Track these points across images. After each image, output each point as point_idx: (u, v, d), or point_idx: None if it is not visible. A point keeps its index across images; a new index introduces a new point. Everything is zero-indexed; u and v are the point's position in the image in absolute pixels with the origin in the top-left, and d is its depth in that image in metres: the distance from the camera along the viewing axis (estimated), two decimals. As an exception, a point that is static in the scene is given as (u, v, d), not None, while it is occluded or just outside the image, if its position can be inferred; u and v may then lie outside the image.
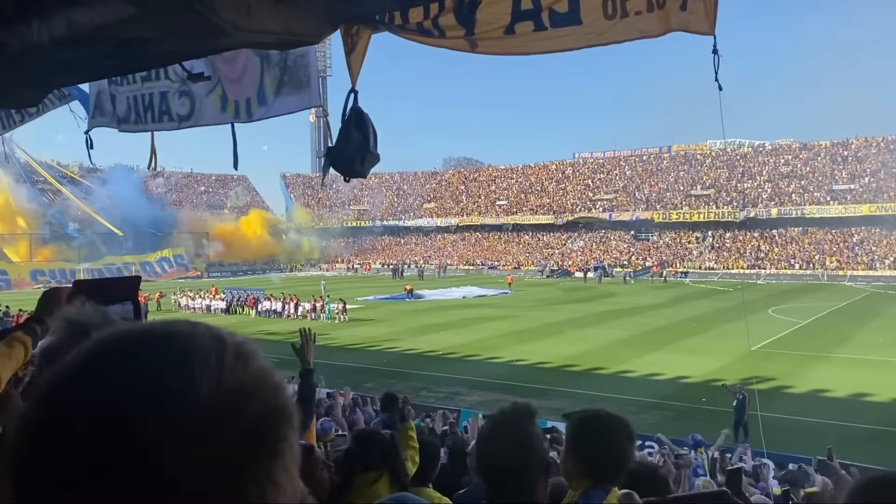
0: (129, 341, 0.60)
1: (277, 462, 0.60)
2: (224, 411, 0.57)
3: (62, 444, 0.53)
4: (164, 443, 0.53)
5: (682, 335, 29.14)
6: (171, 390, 0.55)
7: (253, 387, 0.61)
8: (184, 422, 0.54)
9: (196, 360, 0.58)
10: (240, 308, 42.31)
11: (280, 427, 0.61)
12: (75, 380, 0.57)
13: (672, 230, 77.44)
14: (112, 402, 0.54)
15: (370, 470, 3.36)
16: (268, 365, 0.64)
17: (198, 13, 2.81)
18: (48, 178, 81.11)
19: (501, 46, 3.34)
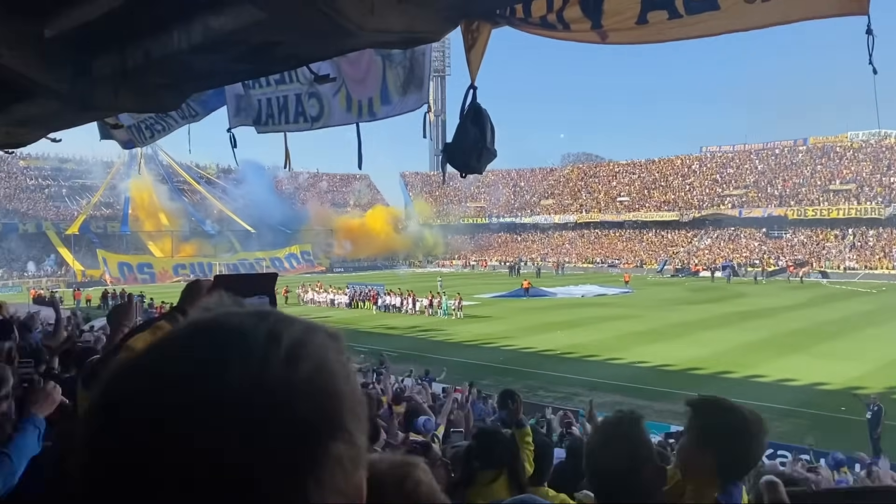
0: (185, 332, 0.61)
1: (315, 472, 0.57)
2: (255, 412, 0.54)
3: (105, 431, 0.55)
4: (184, 439, 0.52)
5: (818, 339, 27.26)
6: (200, 387, 0.55)
7: (300, 388, 0.58)
8: (209, 419, 0.53)
9: (239, 358, 0.57)
10: (361, 302, 43.61)
11: (323, 435, 0.58)
12: (132, 368, 0.58)
13: (808, 227, 72.64)
14: (144, 396, 0.55)
15: (489, 468, 3.34)
16: (328, 369, 0.61)
17: (324, 15, 2.88)
18: (188, 178, 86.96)
19: (633, 36, 3.20)
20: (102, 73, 3.98)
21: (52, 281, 61.36)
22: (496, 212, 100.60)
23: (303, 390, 0.58)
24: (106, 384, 0.58)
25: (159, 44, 3.61)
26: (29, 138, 6.00)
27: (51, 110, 5.03)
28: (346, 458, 0.59)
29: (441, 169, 4.08)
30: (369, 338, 30.02)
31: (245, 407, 0.54)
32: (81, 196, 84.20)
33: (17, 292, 53.82)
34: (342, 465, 0.59)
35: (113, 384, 0.58)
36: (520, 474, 3.50)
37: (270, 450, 0.54)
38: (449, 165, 3.91)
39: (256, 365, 0.56)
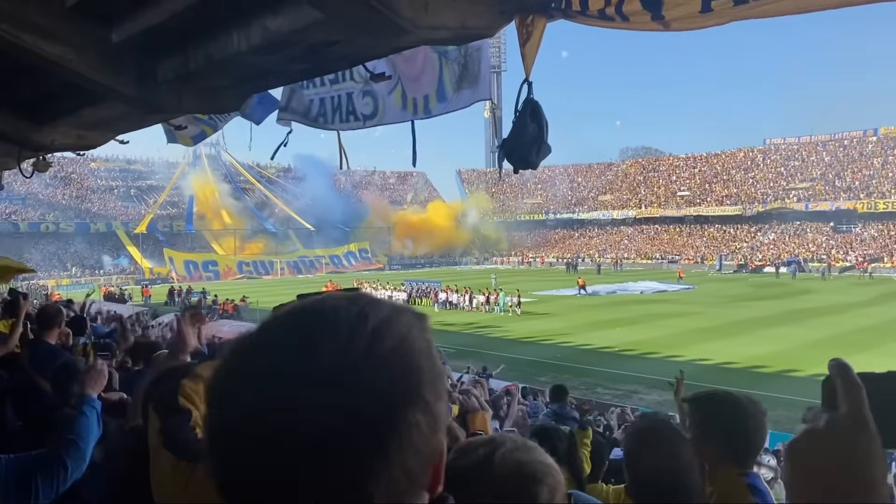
0: (284, 315, 0.70)
1: (394, 435, 0.64)
2: (344, 382, 0.62)
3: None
4: (277, 407, 0.61)
5: (890, 337, 26.14)
6: (292, 360, 0.63)
7: (382, 362, 0.65)
8: (301, 390, 0.61)
9: (326, 333, 0.65)
10: (419, 299, 43.89)
11: (402, 403, 0.65)
12: (235, 344, 0.69)
13: (879, 221, 69.65)
14: (242, 383, 0.65)
15: None
16: (409, 345, 0.68)
17: (378, 13, 2.90)
18: (249, 177, 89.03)
19: (697, 22, 3.11)
20: (166, 76, 4.11)
21: (121, 279, 63.70)
22: (553, 208, 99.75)
23: (384, 364, 0.65)
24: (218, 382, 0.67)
25: (219, 45, 3.69)
26: (99, 141, 6.23)
27: (119, 113, 5.21)
28: (424, 423, 0.66)
29: (498, 165, 4.06)
30: (426, 334, 30.19)
31: (332, 379, 0.62)
32: (149, 196, 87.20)
33: (90, 289, 56.07)
34: (420, 430, 0.65)
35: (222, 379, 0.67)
36: (580, 471, 3.48)
37: (353, 415, 0.61)
38: (505, 161, 3.89)
39: (343, 341, 0.64)
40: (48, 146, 6.04)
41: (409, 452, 0.65)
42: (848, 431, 0.72)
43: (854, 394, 0.73)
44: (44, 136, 5.85)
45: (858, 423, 0.72)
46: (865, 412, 0.73)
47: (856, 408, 0.73)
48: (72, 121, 5.68)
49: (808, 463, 0.73)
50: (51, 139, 5.88)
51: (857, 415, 0.73)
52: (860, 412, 0.73)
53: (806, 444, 0.74)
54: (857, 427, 0.72)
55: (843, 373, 0.75)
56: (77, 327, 6.30)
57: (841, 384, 0.74)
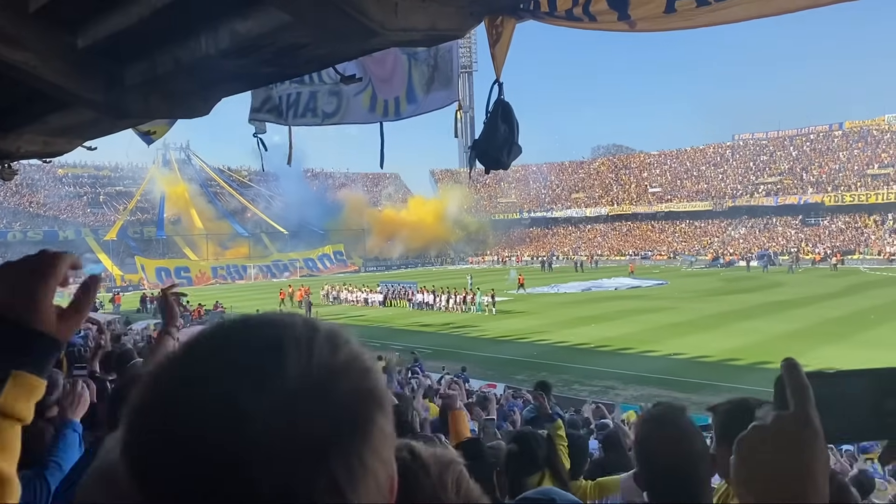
0: (228, 328, 0.67)
1: (366, 444, 0.63)
2: (312, 390, 0.61)
3: (163, 422, 0.60)
4: (253, 417, 0.58)
5: (859, 327, 26.67)
6: (260, 368, 0.61)
7: (342, 370, 0.64)
8: (273, 398, 0.59)
9: (286, 343, 0.63)
10: (395, 300, 43.81)
11: (368, 409, 0.64)
12: (176, 362, 0.64)
13: (846, 213, 71.02)
14: (206, 380, 0.60)
15: (535, 472, 3.35)
16: (360, 351, 0.68)
17: (347, 16, 2.89)
18: (220, 182, 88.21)
19: (662, 24, 3.16)
20: (134, 81, 4.06)
21: (92, 286, 62.61)
22: (527, 206, 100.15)
23: (345, 370, 0.65)
24: (148, 382, 0.63)
25: (187, 50, 3.66)
26: (66, 147, 6.12)
27: (86, 119, 5.13)
28: (388, 431, 0.67)
29: (469, 165, 4.07)
30: (404, 335, 30.17)
31: (303, 388, 0.61)
32: (118, 202, 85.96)
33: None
34: (385, 436, 0.66)
35: (158, 382, 0.63)
36: (561, 472, 3.51)
37: (325, 426, 0.60)
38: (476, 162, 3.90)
39: (305, 350, 0.63)
40: (14, 154, 5.93)
41: (379, 461, 0.64)
42: (792, 429, 0.74)
43: (801, 393, 0.75)
44: (9, 143, 5.74)
45: (802, 422, 0.74)
46: (810, 411, 0.74)
47: (801, 407, 0.74)
48: (38, 128, 5.58)
49: (753, 459, 0.75)
50: (16, 146, 5.77)
51: (803, 413, 0.74)
52: (805, 411, 0.74)
53: (752, 441, 0.76)
54: (801, 425, 0.74)
55: (791, 373, 0.77)
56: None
57: (789, 384, 0.76)
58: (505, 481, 3.37)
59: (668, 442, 1.94)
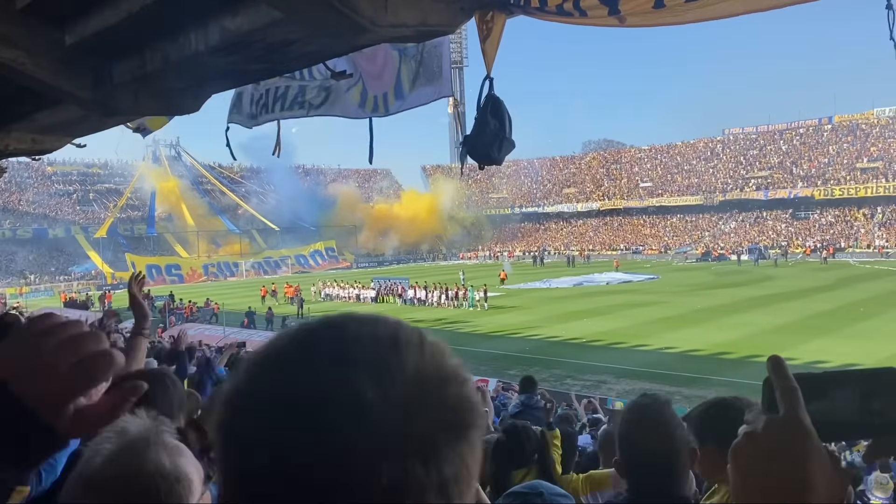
0: (340, 323, 0.66)
1: (469, 446, 0.63)
2: (425, 390, 0.62)
3: (280, 414, 0.59)
4: (373, 410, 0.58)
5: (848, 320, 26.86)
6: (382, 362, 0.61)
7: (450, 374, 0.65)
8: (392, 393, 0.59)
9: (403, 342, 0.64)
10: (387, 297, 43.76)
11: (471, 415, 0.64)
12: (291, 355, 0.63)
13: (835, 207, 71.42)
14: (328, 374, 0.60)
15: (521, 467, 3.34)
16: (460, 362, 0.69)
17: (338, 12, 2.89)
18: (211, 179, 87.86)
19: (652, 19, 3.17)
20: (123, 78, 4.04)
21: (82, 284, 62.36)
22: (518, 202, 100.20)
23: (452, 375, 0.65)
24: (254, 373, 0.63)
25: (177, 46, 3.64)
26: (55, 145, 6.09)
27: (75, 116, 5.11)
28: (478, 443, 0.65)
29: (460, 161, 4.07)
30: (395, 331, 30.14)
31: (418, 386, 0.61)
32: (108, 199, 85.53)
33: (49, 296, 54.82)
34: (478, 449, 0.65)
35: (271, 374, 0.62)
36: (550, 470, 3.50)
37: (436, 424, 0.61)
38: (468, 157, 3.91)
39: (418, 351, 0.64)
40: (2, 151, 5.90)
41: (474, 462, 0.64)
42: (784, 434, 0.73)
43: (790, 395, 0.74)
44: (-3, 141, 5.71)
45: (794, 426, 0.73)
46: (801, 414, 0.73)
47: (792, 409, 0.73)
48: (26, 125, 5.55)
49: (746, 465, 0.74)
50: (4, 144, 5.74)
51: (794, 417, 0.73)
52: (796, 413, 0.73)
53: (744, 447, 0.75)
54: (793, 429, 0.73)
55: (779, 373, 0.76)
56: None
57: (778, 385, 0.75)
58: (489, 471, 3.37)
59: (648, 431, 1.97)
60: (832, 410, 0.77)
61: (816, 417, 0.74)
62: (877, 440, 0.80)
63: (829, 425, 0.75)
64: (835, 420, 0.77)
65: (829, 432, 0.75)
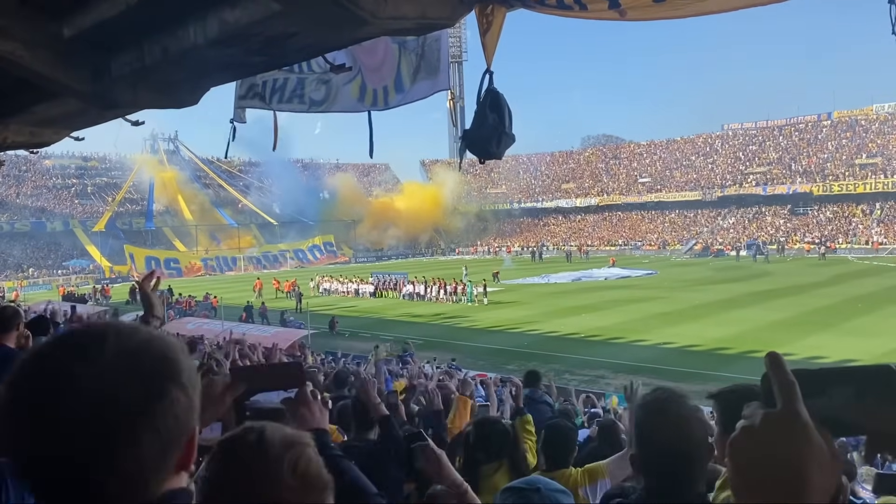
0: (66, 331, 0.98)
1: (163, 409, 0.92)
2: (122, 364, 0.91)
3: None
4: (81, 379, 0.88)
5: (846, 316, 26.90)
6: (86, 346, 0.92)
7: (150, 348, 0.95)
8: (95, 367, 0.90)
9: (108, 331, 0.95)
10: (386, 291, 43.76)
11: (169, 381, 0.94)
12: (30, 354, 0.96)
13: (834, 203, 71.40)
14: (49, 357, 0.93)
15: (492, 460, 3.33)
16: (171, 344, 0.99)
17: (338, 4, 2.88)
18: (210, 173, 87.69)
19: (652, 13, 3.16)
20: (121, 71, 4.03)
21: (80, 278, 62.31)
22: (517, 197, 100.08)
23: (152, 355, 0.93)
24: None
25: (176, 39, 3.63)
26: (53, 138, 6.08)
27: (73, 110, 5.10)
28: (182, 400, 0.93)
29: (459, 155, 4.07)
30: (395, 326, 30.19)
31: (120, 358, 0.90)
32: (106, 193, 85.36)
33: (48, 290, 54.78)
34: (179, 405, 0.93)
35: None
36: (520, 464, 3.48)
37: (135, 382, 0.89)
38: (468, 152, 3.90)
39: (124, 339, 0.93)
40: (0, 144, 5.89)
41: (172, 420, 0.91)
42: (781, 427, 0.73)
43: (788, 389, 0.74)
44: (-5, 134, 5.69)
45: (791, 419, 0.73)
46: (799, 407, 0.73)
47: (789, 403, 0.74)
48: (24, 118, 5.54)
49: (745, 460, 0.74)
50: (2, 137, 5.72)
51: (791, 410, 0.73)
52: (793, 407, 0.73)
53: (742, 442, 0.75)
54: (790, 422, 0.73)
55: (776, 369, 0.76)
56: (36, 328, 6.15)
57: (775, 380, 0.75)
58: (463, 467, 3.35)
59: (667, 426, 1.95)
60: (829, 407, 0.78)
61: (813, 413, 0.74)
62: (873, 437, 0.81)
63: (825, 421, 0.76)
64: (831, 416, 0.77)
65: (826, 428, 0.75)
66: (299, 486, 1.06)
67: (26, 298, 38.58)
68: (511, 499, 2.14)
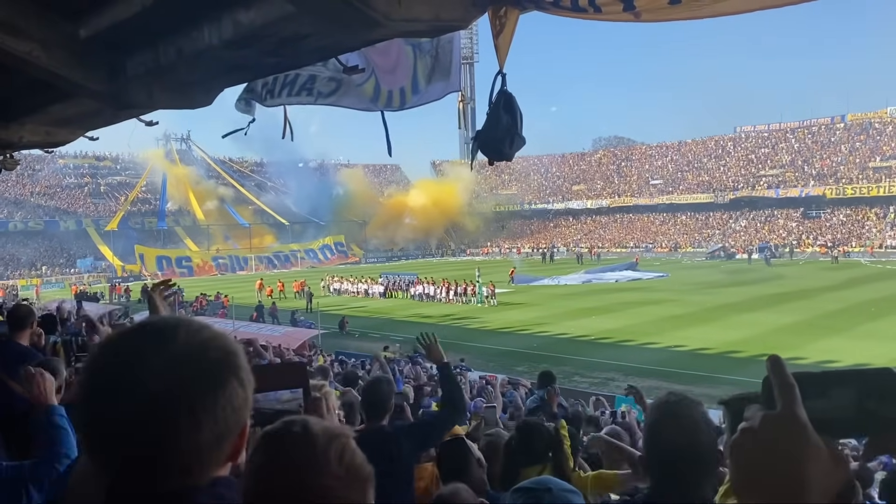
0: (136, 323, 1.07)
1: (222, 389, 0.99)
2: (193, 356, 0.99)
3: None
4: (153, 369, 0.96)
5: (859, 320, 26.70)
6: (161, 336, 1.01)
7: (215, 343, 1.03)
8: (170, 363, 0.97)
9: (180, 323, 1.04)
10: (396, 292, 43.79)
11: (229, 374, 1.01)
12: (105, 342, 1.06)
13: (847, 206, 70.86)
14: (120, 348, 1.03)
15: (534, 464, 3.31)
16: (230, 342, 1.05)
17: (351, 6, 2.89)
18: (222, 173, 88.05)
19: (667, 14, 3.14)
20: (136, 71, 4.05)
21: (93, 277, 62.73)
22: (528, 198, 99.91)
23: (217, 349, 1.00)
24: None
25: (190, 40, 3.65)
26: (68, 137, 6.13)
27: (89, 110, 5.14)
28: (240, 394, 1.00)
29: (471, 156, 4.07)
30: (404, 326, 30.20)
31: (190, 348, 0.98)
32: (119, 193, 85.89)
33: (60, 288, 55.20)
34: (237, 395, 1.00)
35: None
36: (564, 468, 3.47)
37: (193, 377, 0.96)
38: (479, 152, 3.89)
39: (193, 333, 1.00)
40: (16, 144, 5.94)
41: (230, 410, 0.97)
42: (780, 429, 0.74)
43: (787, 392, 0.75)
44: (11, 133, 5.75)
45: (790, 421, 0.74)
46: (797, 409, 0.74)
47: (788, 405, 0.75)
48: (40, 118, 5.59)
49: (745, 461, 0.75)
50: (18, 136, 5.78)
51: (790, 412, 0.74)
52: (792, 409, 0.74)
53: (742, 442, 0.76)
54: (789, 424, 0.74)
55: (777, 371, 0.77)
56: (48, 326, 6.20)
57: (775, 382, 0.76)
58: (502, 470, 3.35)
59: (676, 428, 1.95)
60: (829, 408, 0.79)
61: (814, 415, 0.75)
62: (874, 438, 0.82)
63: (825, 423, 0.77)
64: (832, 418, 0.78)
65: (826, 430, 0.76)
66: (345, 476, 1.11)
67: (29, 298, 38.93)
68: (522, 499, 2.14)
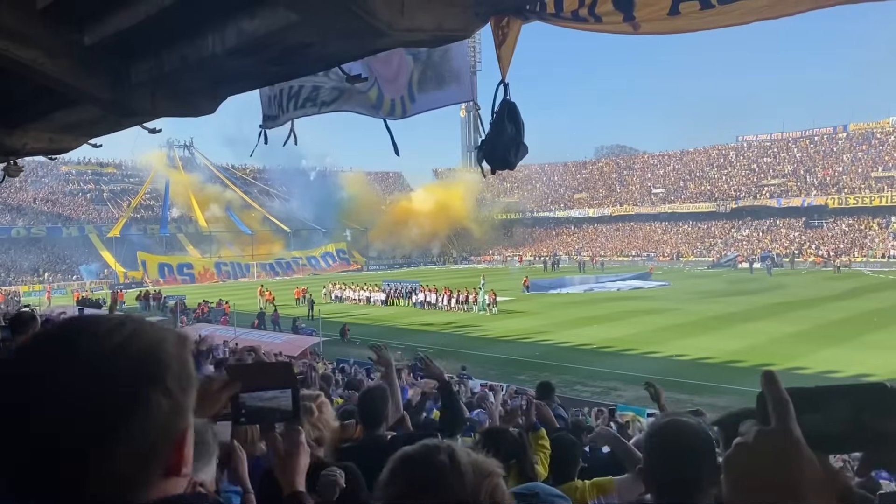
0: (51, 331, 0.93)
1: (141, 415, 0.87)
2: (98, 369, 0.85)
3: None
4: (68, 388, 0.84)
5: (862, 330, 26.61)
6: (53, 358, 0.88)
7: (132, 353, 0.89)
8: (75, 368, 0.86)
9: (90, 336, 0.90)
10: (397, 299, 43.76)
11: (150, 386, 0.88)
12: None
13: (849, 216, 70.79)
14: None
15: None
16: (158, 345, 0.92)
17: (355, 16, 2.91)
18: (225, 180, 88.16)
19: (666, 26, 3.17)
20: (140, 79, 4.07)
21: (95, 283, 62.75)
22: (530, 207, 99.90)
23: (130, 356, 0.87)
24: None
25: (194, 48, 3.68)
26: (72, 144, 6.15)
27: (92, 117, 5.16)
28: (165, 405, 0.87)
29: (478, 165, 4.08)
30: (406, 334, 30.18)
31: (92, 363, 0.85)
32: (122, 199, 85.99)
33: (62, 294, 55.23)
34: (161, 410, 0.87)
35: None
36: (528, 470, 3.49)
37: (105, 394, 0.83)
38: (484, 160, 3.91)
39: (101, 338, 0.87)
40: (20, 150, 5.96)
41: (152, 427, 0.86)
42: (774, 445, 0.74)
43: (781, 407, 0.76)
44: (15, 140, 5.77)
45: (783, 437, 0.74)
46: (791, 425, 0.75)
47: (782, 421, 0.75)
48: (44, 125, 5.61)
49: (739, 477, 0.76)
50: (22, 143, 5.80)
51: (784, 428, 0.74)
52: (786, 425, 0.75)
53: (736, 458, 0.76)
54: (783, 440, 0.74)
55: (771, 387, 0.77)
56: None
57: (770, 398, 0.76)
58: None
59: (677, 444, 1.95)
60: (824, 423, 0.79)
61: (808, 430, 0.76)
62: (868, 453, 0.82)
63: (820, 437, 0.77)
64: (826, 432, 0.79)
65: (821, 444, 0.76)
66: None
67: (41, 303, 38.94)
68: None
